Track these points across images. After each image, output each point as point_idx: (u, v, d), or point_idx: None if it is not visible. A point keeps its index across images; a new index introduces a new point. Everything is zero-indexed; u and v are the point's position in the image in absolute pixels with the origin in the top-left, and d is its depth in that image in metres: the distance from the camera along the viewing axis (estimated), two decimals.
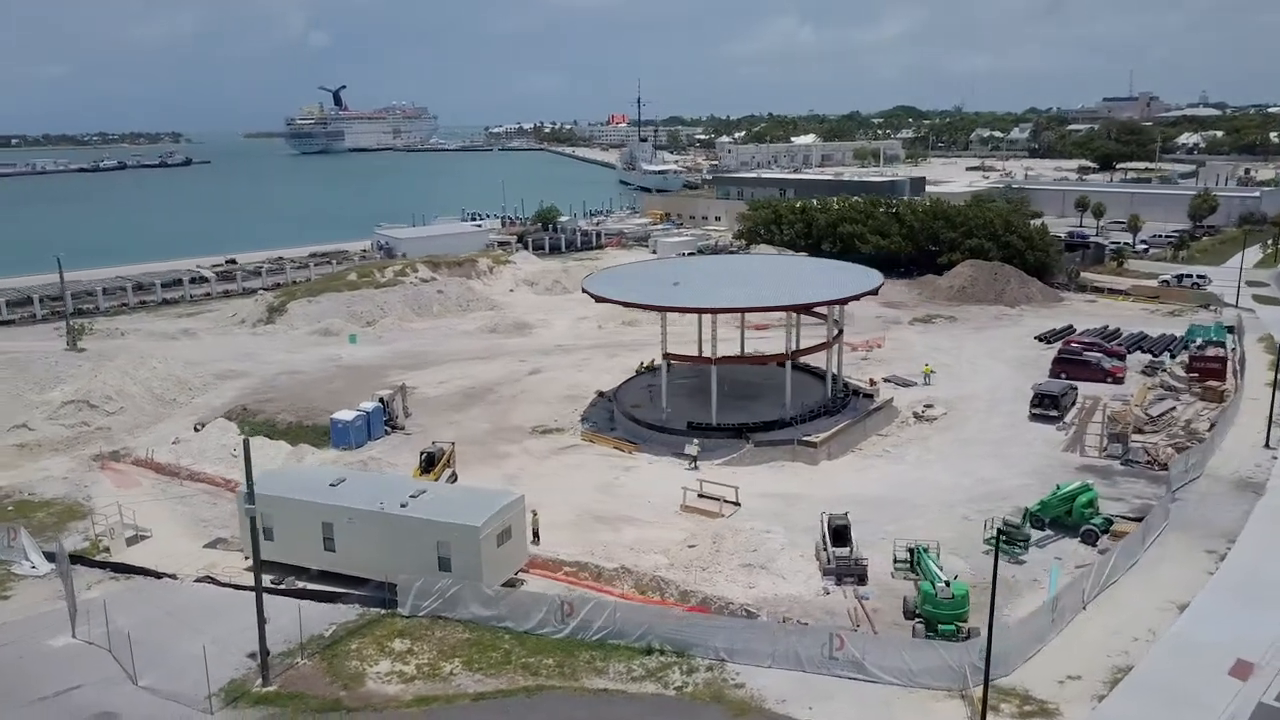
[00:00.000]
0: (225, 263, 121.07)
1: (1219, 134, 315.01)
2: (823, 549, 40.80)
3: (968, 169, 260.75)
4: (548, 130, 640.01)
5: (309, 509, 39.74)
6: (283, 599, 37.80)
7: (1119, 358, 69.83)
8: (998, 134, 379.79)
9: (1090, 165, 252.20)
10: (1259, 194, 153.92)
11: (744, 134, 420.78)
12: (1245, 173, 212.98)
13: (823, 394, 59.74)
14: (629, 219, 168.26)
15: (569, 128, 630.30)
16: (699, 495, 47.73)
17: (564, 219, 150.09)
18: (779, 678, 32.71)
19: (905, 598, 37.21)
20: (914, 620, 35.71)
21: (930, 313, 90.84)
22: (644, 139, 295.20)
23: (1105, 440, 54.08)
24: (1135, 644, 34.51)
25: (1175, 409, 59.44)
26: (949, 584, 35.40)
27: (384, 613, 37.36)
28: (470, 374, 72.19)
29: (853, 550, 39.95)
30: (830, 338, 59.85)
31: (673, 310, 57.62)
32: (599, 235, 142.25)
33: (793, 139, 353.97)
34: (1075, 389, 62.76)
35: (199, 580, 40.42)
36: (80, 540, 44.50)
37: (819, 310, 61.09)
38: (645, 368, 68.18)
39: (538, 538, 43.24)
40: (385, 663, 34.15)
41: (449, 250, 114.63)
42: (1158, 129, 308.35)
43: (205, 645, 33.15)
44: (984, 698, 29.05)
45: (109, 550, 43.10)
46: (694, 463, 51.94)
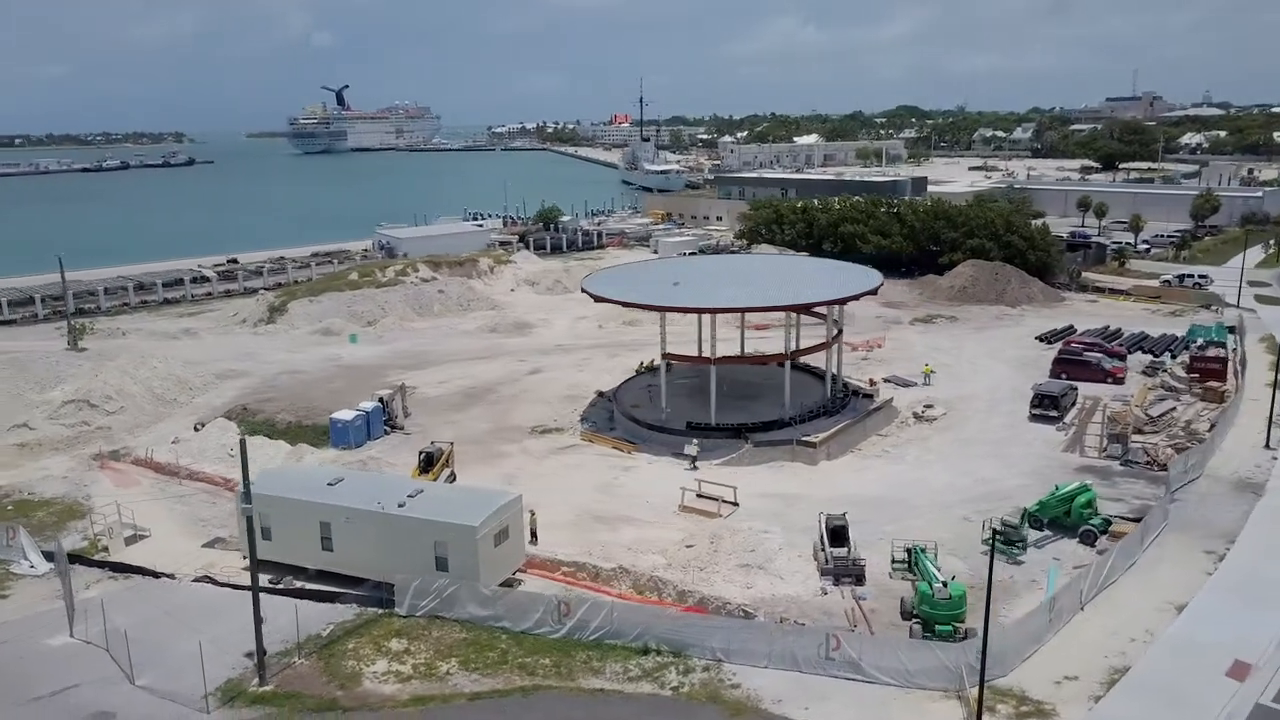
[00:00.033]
0: (227, 262, 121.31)
1: (1222, 134, 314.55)
2: (820, 549, 40.77)
3: (970, 169, 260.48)
4: (550, 130, 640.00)
5: (307, 508, 39.77)
6: (280, 598, 37.80)
7: (1119, 358, 69.73)
8: (1000, 134, 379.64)
9: (1093, 165, 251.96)
10: (1261, 194, 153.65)
11: (746, 134, 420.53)
12: (1248, 173, 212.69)
13: (822, 394, 59.71)
14: (631, 219, 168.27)
15: (571, 127, 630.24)
16: (697, 495, 47.71)
17: (565, 219, 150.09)
18: (775, 678, 32.69)
19: (903, 598, 37.17)
20: (911, 621, 35.67)
21: (931, 313, 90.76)
22: (646, 139, 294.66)
23: (1105, 441, 54.02)
24: (1133, 645, 34.45)
25: (1175, 409, 59.36)
26: (946, 584, 35.39)
27: (381, 612, 37.39)
28: (470, 374, 72.23)
29: (850, 550, 39.92)
30: (829, 338, 59.82)
31: (671, 310, 57.62)
32: (600, 235, 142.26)
33: (795, 139, 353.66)
34: (1075, 389, 62.69)
35: (197, 580, 40.47)
36: (79, 539, 44.58)
37: (818, 310, 61.06)
38: (645, 368, 68.19)
39: (536, 538, 43.25)
40: (382, 662, 34.17)
41: (450, 250, 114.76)
42: (1161, 129, 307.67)
43: (203, 645, 33.12)
44: (979, 698, 29.03)
45: (107, 550, 43.17)
46: (693, 463, 51.93)
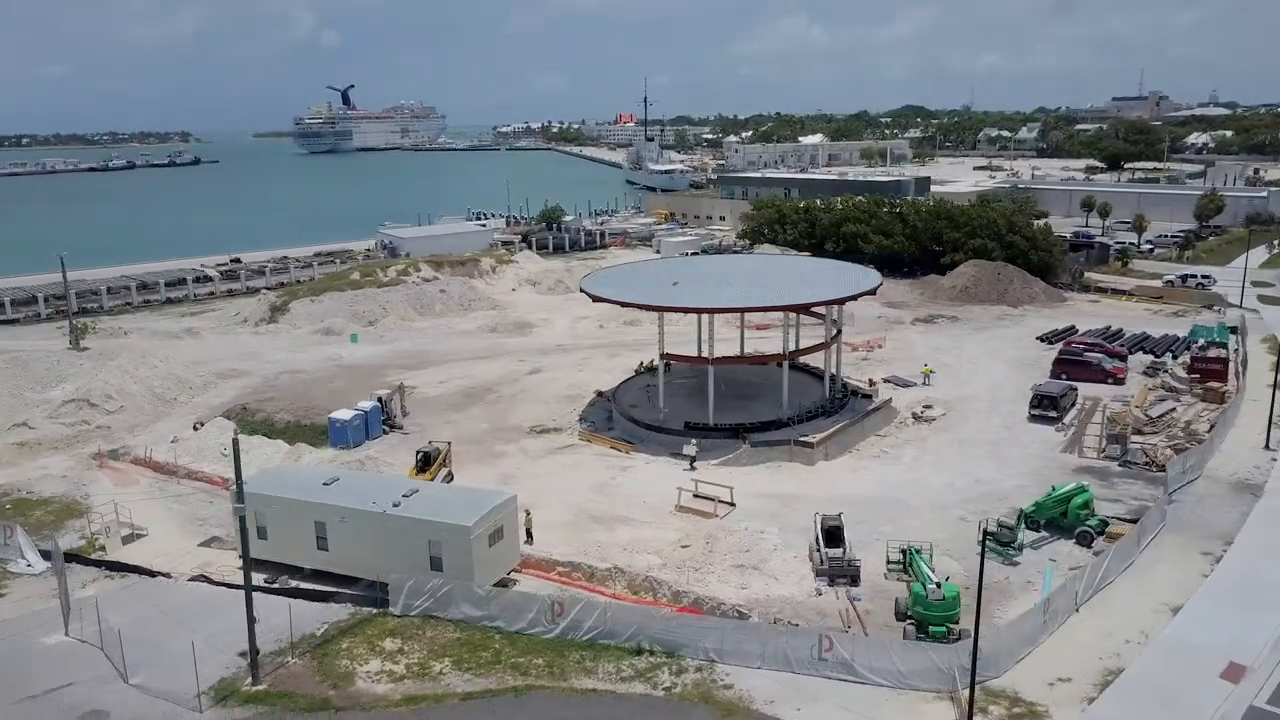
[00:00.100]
0: (230, 262, 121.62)
1: (1228, 134, 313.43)
2: (816, 550, 40.71)
3: (975, 168, 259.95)
4: (555, 130, 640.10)
5: (302, 508, 39.84)
6: (276, 598, 37.92)
7: (1120, 358, 69.52)
8: (1006, 133, 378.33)
9: (1098, 165, 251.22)
10: (1266, 194, 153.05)
11: (751, 134, 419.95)
12: (1254, 172, 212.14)
13: (821, 394, 59.63)
14: (633, 218, 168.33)
15: (576, 127, 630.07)
16: (694, 495, 47.67)
17: (568, 218, 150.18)
18: (768, 679, 32.67)
19: (897, 599, 37.12)
20: (905, 622, 35.61)
21: (932, 313, 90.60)
22: (650, 138, 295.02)
23: (1104, 441, 53.87)
24: (1127, 646, 34.36)
25: (1175, 410, 59.16)
26: (940, 585, 35.31)
27: (376, 612, 37.45)
28: (470, 373, 72.28)
29: (846, 551, 39.85)
30: (828, 338, 59.75)
31: (669, 310, 57.55)
32: (603, 235, 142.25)
33: (800, 139, 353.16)
34: (1075, 390, 62.53)
35: (193, 579, 40.54)
36: (77, 538, 44.76)
37: (817, 310, 60.98)
38: (644, 368, 68.18)
39: (532, 537, 43.27)
40: (375, 662, 34.21)
41: (453, 250, 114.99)
42: (1167, 128, 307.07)
43: (197, 644, 33.31)
44: (970, 699, 28.98)
45: (105, 549, 43.30)
46: (691, 463, 51.90)
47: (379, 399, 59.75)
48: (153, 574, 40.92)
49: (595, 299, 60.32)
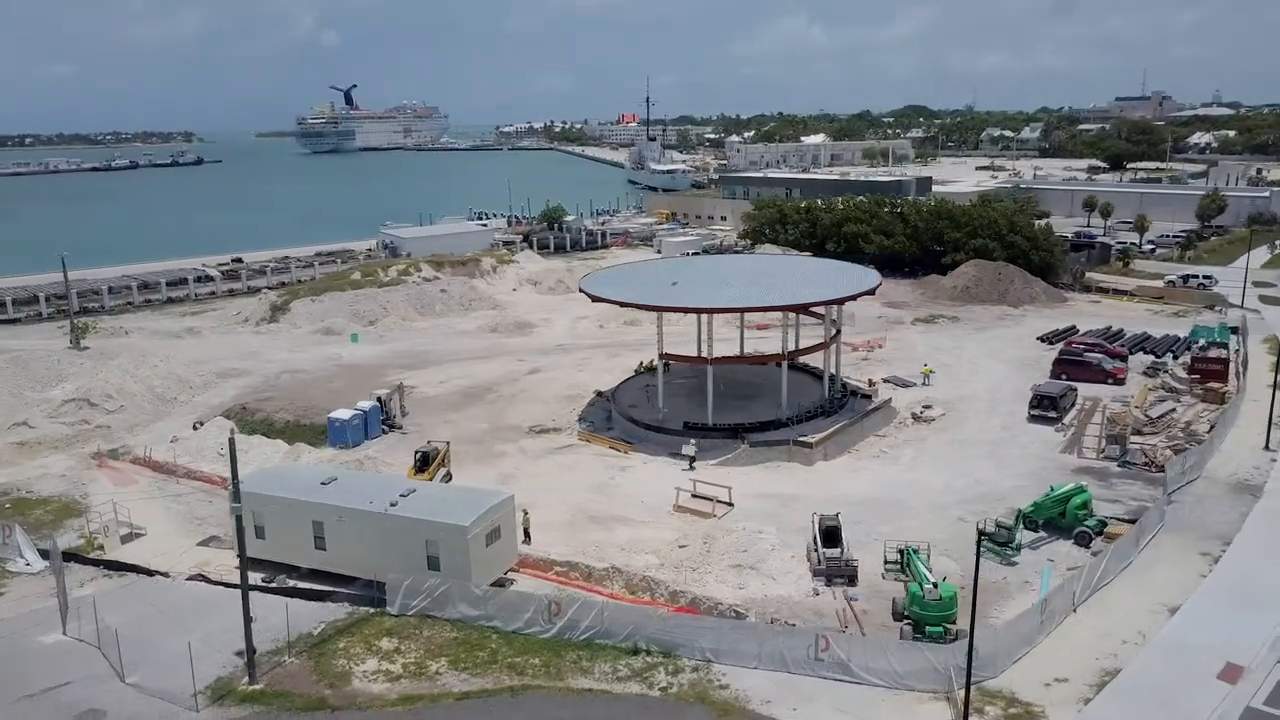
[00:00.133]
0: (231, 261, 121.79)
1: (1232, 134, 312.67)
2: (813, 550, 40.70)
3: (977, 168, 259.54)
4: (558, 130, 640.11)
5: (300, 507, 39.87)
6: (274, 597, 37.99)
7: (1120, 359, 69.42)
8: (1008, 133, 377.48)
9: (1100, 165, 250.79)
10: (1269, 194, 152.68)
11: (753, 133, 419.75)
12: (1257, 172, 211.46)
13: (820, 394, 59.59)
14: (635, 218, 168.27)
15: (579, 127, 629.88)
16: (692, 495, 47.67)
17: (570, 218, 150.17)
18: (764, 679, 32.65)
19: (894, 599, 37.10)
20: (902, 622, 35.59)
21: (933, 313, 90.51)
22: (653, 138, 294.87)
23: (1103, 442, 53.80)
24: (1124, 647, 34.31)
25: (1175, 410, 59.08)
26: (937, 585, 35.28)
27: (373, 611, 37.47)
28: (470, 373, 72.32)
29: (843, 551, 39.84)
30: (828, 338, 59.71)
31: (668, 310, 57.57)
32: (604, 235, 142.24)
33: (802, 139, 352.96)
34: (1075, 390, 62.45)
35: (191, 578, 40.60)
36: (75, 537, 44.83)
37: (817, 310, 60.95)
38: (644, 368, 68.16)
39: (529, 537, 43.29)
40: (372, 661, 34.23)
41: (454, 250, 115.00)
42: (1170, 129, 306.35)
43: (195, 643, 33.35)
44: (965, 699, 28.96)
45: (103, 548, 43.37)
46: (690, 463, 51.88)
47: (378, 399, 59.79)
48: (151, 573, 40.99)
49: (594, 299, 60.35)
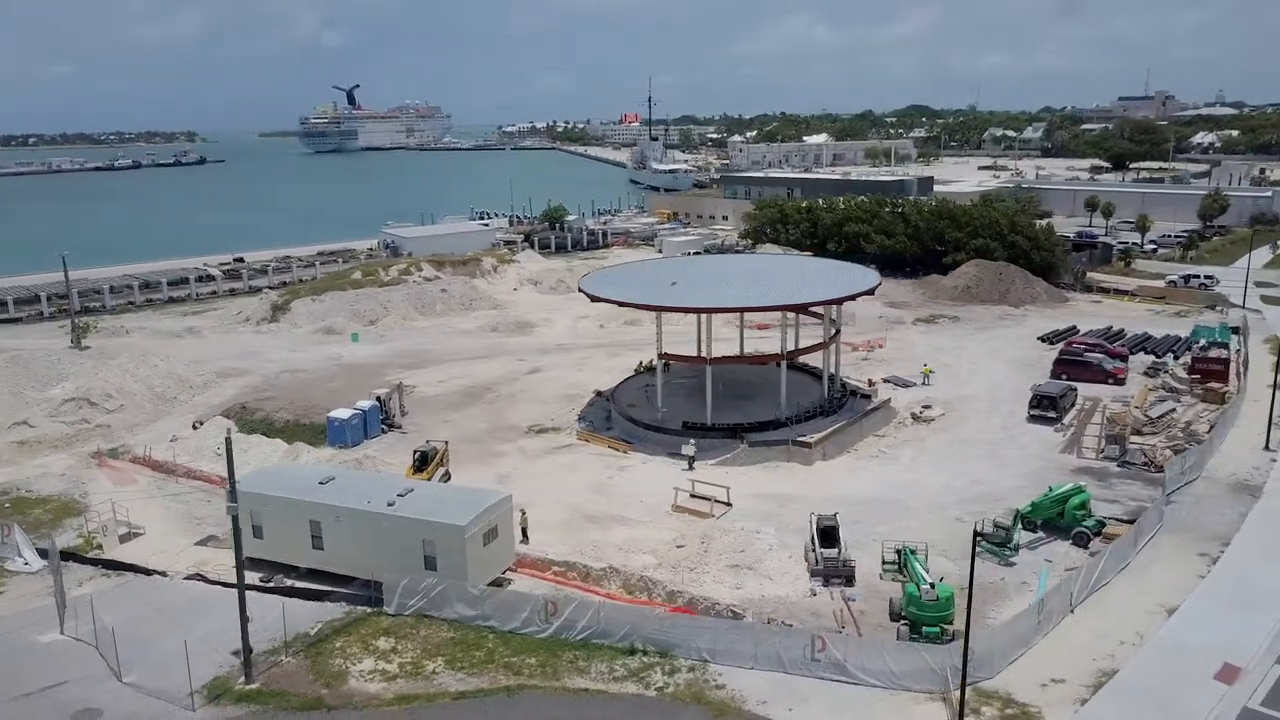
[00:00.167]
0: (232, 261, 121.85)
1: (1235, 133, 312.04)
2: (811, 550, 40.66)
3: (980, 168, 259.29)
4: (560, 130, 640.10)
5: (297, 507, 39.90)
6: (271, 597, 38.05)
7: (1121, 359, 69.32)
8: (1011, 133, 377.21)
9: (1103, 165, 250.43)
10: (1271, 194, 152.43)
11: (756, 133, 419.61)
12: (1260, 172, 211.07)
13: (820, 394, 59.55)
14: (636, 218, 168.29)
15: (582, 127, 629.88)
16: (690, 495, 47.63)
17: (571, 218, 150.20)
18: (761, 679, 32.63)
19: (891, 599, 37.06)
20: (899, 622, 35.55)
21: (934, 313, 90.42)
22: (655, 138, 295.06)
23: (1103, 442, 53.72)
24: (1121, 647, 34.25)
25: (1175, 411, 58.99)
26: (934, 586, 35.24)
27: (370, 611, 37.46)
28: (470, 373, 72.35)
29: (841, 551, 39.81)
30: (827, 338, 59.66)
31: (667, 310, 57.54)
32: (605, 234, 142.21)
33: (804, 138, 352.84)
34: (1075, 390, 62.36)
35: (188, 578, 40.62)
36: (74, 537, 44.85)
37: (816, 310, 60.90)
38: (644, 367, 68.14)
39: (527, 537, 43.29)
40: (369, 661, 34.24)
41: (455, 249, 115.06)
42: (1172, 128, 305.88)
43: (192, 642, 33.33)
44: (961, 700, 28.92)
45: (102, 547, 43.44)
46: (690, 463, 51.86)
47: (378, 398, 59.82)
48: (148, 572, 41.02)
49: (594, 299, 60.33)
